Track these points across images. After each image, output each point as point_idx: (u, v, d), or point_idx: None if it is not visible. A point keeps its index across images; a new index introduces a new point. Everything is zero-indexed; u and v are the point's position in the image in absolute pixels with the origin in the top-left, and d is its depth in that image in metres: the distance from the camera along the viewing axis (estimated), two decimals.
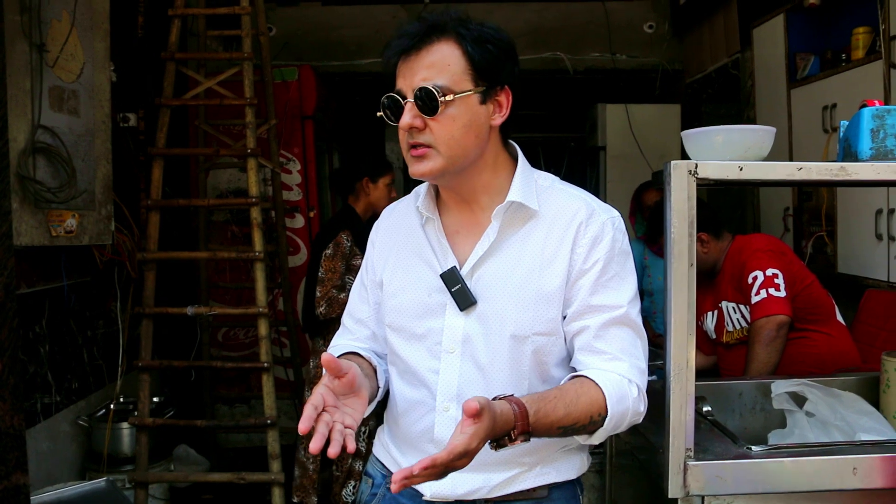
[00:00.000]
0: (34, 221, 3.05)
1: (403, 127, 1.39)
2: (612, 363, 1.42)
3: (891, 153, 1.73)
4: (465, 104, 1.39)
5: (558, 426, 1.33)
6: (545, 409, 1.30)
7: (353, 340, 1.63)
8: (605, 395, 1.36)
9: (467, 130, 1.41)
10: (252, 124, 3.67)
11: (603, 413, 1.37)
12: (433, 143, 1.39)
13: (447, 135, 1.39)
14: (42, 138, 3.06)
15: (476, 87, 1.40)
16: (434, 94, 1.36)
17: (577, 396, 1.35)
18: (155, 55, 3.89)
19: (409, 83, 1.39)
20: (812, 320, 2.93)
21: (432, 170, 1.41)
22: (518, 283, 1.44)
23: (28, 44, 2.99)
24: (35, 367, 3.34)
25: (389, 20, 5.68)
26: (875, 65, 3.36)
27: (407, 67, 1.40)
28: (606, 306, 1.43)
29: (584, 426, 1.37)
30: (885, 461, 1.70)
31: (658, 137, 5.31)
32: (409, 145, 1.42)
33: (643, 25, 5.84)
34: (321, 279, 3.55)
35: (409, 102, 1.38)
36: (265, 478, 3.45)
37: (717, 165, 1.66)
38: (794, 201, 4.20)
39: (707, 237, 3.02)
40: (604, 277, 1.44)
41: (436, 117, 1.38)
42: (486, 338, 1.45)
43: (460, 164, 1.43)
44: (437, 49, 1.39)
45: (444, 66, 1.38)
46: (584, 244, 1.44)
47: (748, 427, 2.27)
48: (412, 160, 1.42)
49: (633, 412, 1.41)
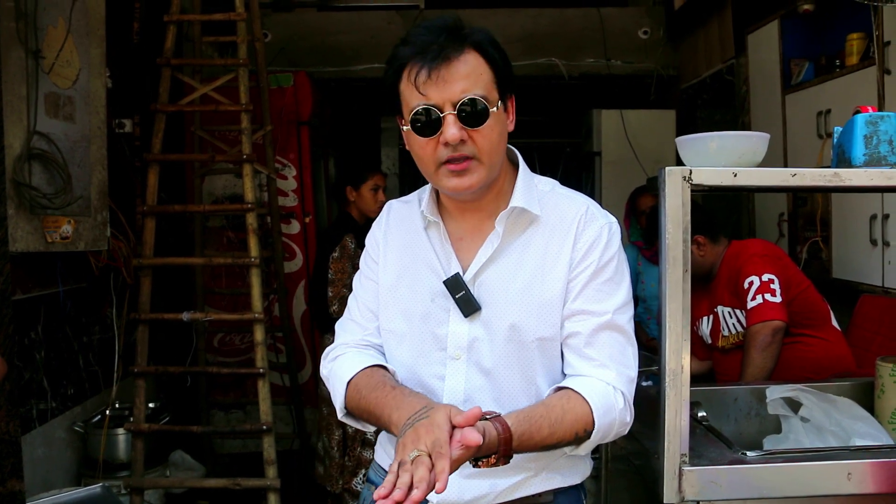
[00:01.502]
0: (30, 227, 3.05)
1: (452, 140, 1.35)
2: (600, 370, 1.42)
3: (884, 159, 1.74)
4: (498, 114, 1.39)
5: (541, 445, 1.33)
6: (529, 431, 1.30)
7: (365, 335, 1.58)
8: (592, 409, 1.36)
9: (501, 139, 1.42)
10: (248, 130, 3.67)
11: (589, 428, 1.37)
12: (476, 155, 1.38)
13: (489, 145, 1.38)
14: (38, 144, 3.06)
15: (501, 96, 1.40)
16: (485, 104, 1.35)
17: (564, 413, 1.35)
18: (150, 61, 3.88)
19: (446, 95, 1.35)
20: (807, 325, 2.94)
21: (478, 181, 1.40)
22: (521, 287, 1.44)
23: (24, 50, 3.00)
24: (31, 373, 3.33)
25: (385, 26, 5.69)
26: (869, 71, 3.37)
27: (438, 78, 1.35)
28: (598, 311, 1.43)
29: (568, 442, 1.37)
30: (880, 466, 1.70)
31: (653, 143, 5.32)
32: (443, 160, 1.38)
33: (638, 31, 5.86)
34: (332, 280, 3.68)
35: (450, 115, 1.35)
36: (261, 483, 3.44)
37: (712, 171, 1.67)
38: (789, 207, 4.22)
39: (703, 240, 3.03)
40: (597, 281, 1.44)
41: (480, 128, 1.36)
42: (491, 343, 1.45)
43: (495, 174, 1.44)
44: (466, 59, 1.36)
45: (478, 77, 1.37)
46: (581, 247, 1.44)
47: (743, 432, 2.27)
48: (450, 175, 1.39)
49: (619, 423, 1.41)
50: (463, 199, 1.47)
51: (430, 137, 1.37)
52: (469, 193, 1.43)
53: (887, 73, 3.25)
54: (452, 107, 1.35)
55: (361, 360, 1.52)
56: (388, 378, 1.45)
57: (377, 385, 1.43)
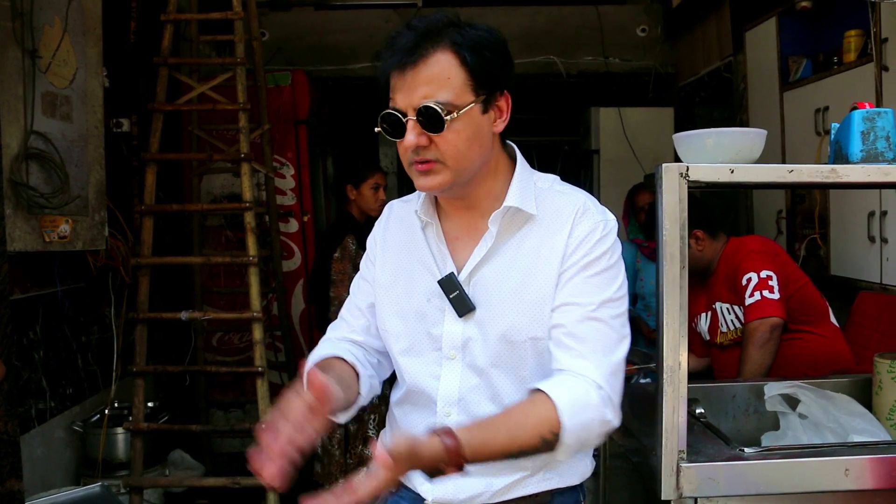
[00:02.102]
0: (27, 227, 3.05)
1: (409, 147, 1.35)
2: (578, 360, 1.37)
3: (881, 155, 1.74)
4: (468, 117, 1.36)
5: (502, 453, 1.29)
6: (482, 438, 1.26)
7: (349, 333, 1.60)
8: (558, 409, 1.30)
9: (472, 142, 1.38)
10: (245, 129, 3.67)
11: (555, 430, 1.30)
12: (440, 158, 1.37)
13: (453, 149, 1.36)
14: (35, 144, 3.06)
15: (477, 98, 1.37)
16: (439, 112, 1.32)
17: (525, 418, 1.31)
18: (147, 60, 3.88)
19: (409, 100, 1.34)
20: (805, 321, 2.94)
21: (441, 183, 1.39)
22: (514, 286, 1.43)
23: (20, 50, 2.99)
24: (29, 373, 3.33)
25: (382, 25, 5.70)
26: (867, 67, 3.37)
27: (404, 83, 1.34)
28: (583, 303, 1.40)
29: (534, 448, 1.31)
30: (877, 462, 1.70)
31: (651, 140, 5.32)
32: (412, 161, 1.39)
33: (636, 29, 5.86)
34: (334, 281, 3.67)
35: (410, 120, 1.34)
36: (260, 482, 3.44)
37: (709, 168, 1.67)
38: (787, 204, 4.22)
39: (702, 234, 3.02)
40: (585, 274, 1.41)
41: (441, 134, 1.34)
42: (486, 343, 1.44)
43: (467, 176, 1.41)
44: (434, 61, 1.34)
45: (443, 81, 1.34)
46: (573, 241, 1.42)
47: (741, 429, 2.27)
48: (418, 175, 1.39)
49: (599, 421, 1.35)
50: (444, 197, 1.48)
51: (399, 140, 1.38)
52: (437, 192, 1.44)
53: (885, 69, 3.25)
54: (414, 112, 1.34)
55: (325, 350, 1.53)
56: (331, 367, 1.46)
57: None
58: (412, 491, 1.52)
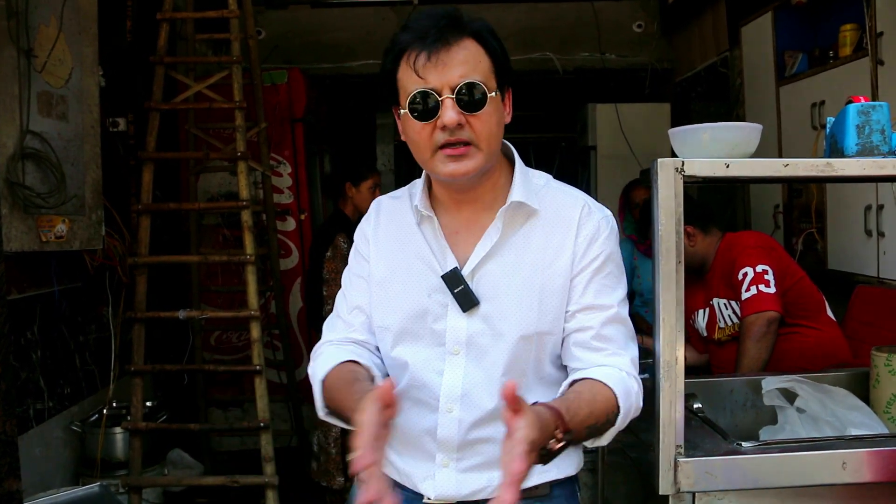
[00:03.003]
0: (24, 227, 3.04)
1: (450, 124, 1.34)
2: (613, 358, 1.43)
3: (877, 149, 1.74)
4: (496, 101, 1.39)
5: (586, 426, 1.32)
6: (573, 409, 1.28)
7: (349, 333, 1.58)
8: (615, 393, 1.37)
9: (499, 127, 1.41)
10: (242, 127, 3.67)
11: (616, 411, 1.37)
12: (474, 140, 1.37)
13: (487, 131, 1.37)
14: (31, 144, 3.06)
15: (498, 85, 1.40)
16: (483, 88, 1.35)
17: (594, 395, 1.35)
18: (144, 59, 3.88)
19: (446, 79, 1.34)
20: (802, 316, 2.94)
21: (474, 167, 1.38)
22: (521, 282, 1.44)
23: (16, 49, 2.98)
24: (27, 373, 3.33)
25: (379, 23, 5.69)
26: (862, 62, 3.37)
27: (438, 62, 1.34)
28: (605, 305, 1.44)
29: (603, 425, 1.36)
30: (875, 455, 1.71)
31: (648, 136, 5.32)
32: (441, 144, 1.37)
33: (632, 25, 5.85)
34: (326, 280, 3.70)
35: (448, 99, 1.34)
36: (259, 481, 3.45)
37: (704, 163, 1.67)
38: (783, 198, 4.22)
39: (693, 230, 3.02)
40: (600, 275, 1.45)
41: (478, 114, 1.36)
42: (491, 338, 1.44)
43: (492, 162, 1.43)
44: (465, 45, 1.36)
45: (476, 63, 1.37)
46: (582, 242, 1.44)
47: (739, 423, 2.28)
48: (447, 160, 1.38)
49: (635, 408, 1.42)
50: (458, 187, 1.46)
51: (428, 122, 1.36)
52: (465, 180, 1.41)
53: (880, 63, 3.26)
54: (451, 91, 1.35)
55: (335, 356, 1.50)
56: (354, 373, 1.44)
57: (343, 383, 1.41)
58: (412, 490, 1.52)
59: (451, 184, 1.45)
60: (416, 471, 1.50)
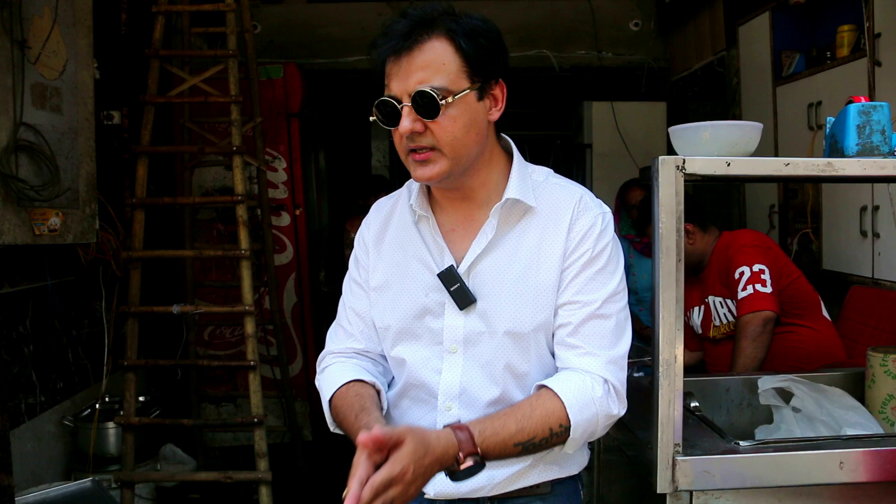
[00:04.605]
0: (17, 220, 3.02)
1: (403, 132, 1.35)
2: (584, 358, 1.40)
3: (877, 149, 1.74)
4: (464, 103, 1.36)
5: (514, 443, 1.31)
6: (493, 427, 1.29)
7: (350, 342, 1.57)
8: (565, 404, 1.34)
9: (468, 129, 1.38)
10: (237, 122, 3.64)
11: (564, 423, 1.34)
12: (436, 146, 1.36)
13: (450, 136, 1.36)
14: (25, 136, 3.04)
15: (472, 84, 1.37)
16: (434, 97, 1.32)
17: (532, 410, 1.34)
18: (139, 52, 3.85)
19: (404, 86, 1.34)
20: (798, 315, 2.95)
21: (439, 173, 1.38)
22: (515, 278, 1.43)
23: (9, 40, 2.96)
24: (19, 368, 3.31)
25: (374, 18, 5.67)
26: (860, 62, 3.38)
27: (399, 69, 1.34)
28: (586, 301, 1.42)
29: (545, 439, 1.34)
30: (871, 455, 1.71)
31: (644, 135, 5.33)
32: (408, 149, 1.38)
33: (629, 23, 5.85)
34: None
35: (406, 107, 1.34)
36: (252, 476, 3.43)
37: (705, 161, 1.66)
38: (779, 198, 4.23)
39: (692, 228, 3.03)
40: (589, 271, 1.43)
41: (436, 120, 1.34)
42: (488, 336, 1.44)
43: (464, 164, 1.41)
44: (429, 47, 1.34)
45: (439, 66, 1.34)
46: (575, 237, 1.43)
47: (735, 422, 2.28)
48: (414, 165, 1.39)
49: (603, 415, 1.38)
50: (440, 188, 1.47)
51: (394, 128, 1.37)
52: (434, 183, 1.42)
53: (878, 64, 3.26)
54: (409, 98, 1.34)
55: (341, 375, 1.50)
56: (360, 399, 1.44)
57: (348, 410, 1.42)
58: None
59: (441, 185, 1.45)
60: None
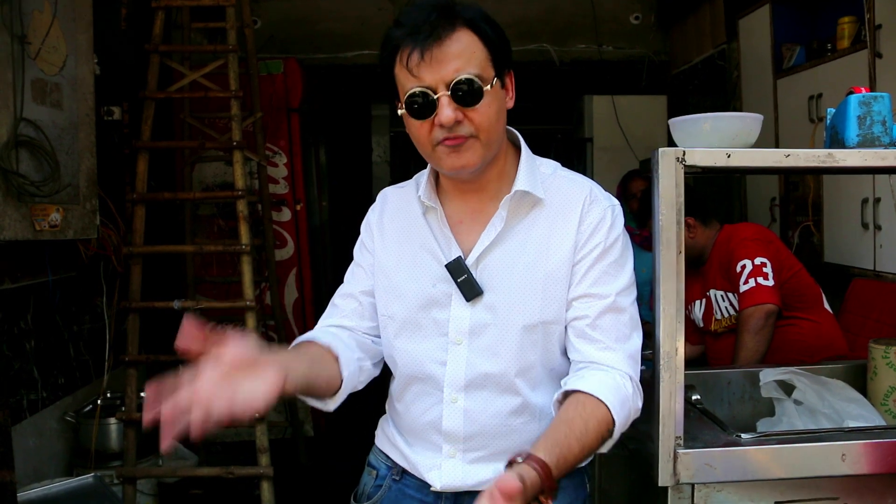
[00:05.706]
0: (18, 215, 3.02)
1: (447, 122, 1.33)
2: (605, 353, 1.40)
3: (878, 140, 1.73)
4: (495, 91, 1.37)
5: (577, 462, 1.30)
6: (564, 455, 1.26)
7: (338, 319, 1.58)
8: (610, 409, 1.34)
9: (499, 115, 1.40)
10: (237, 117, 3.64)
11: (611, 427, 1.34)
12: (474, 133, 1.36)
13: (487, 123, 1.36)
14: (25, 131, 3.03)
15: (497, 73, 1.38)
16: (478, 84, 1.33)
17: (586, 424, 1.31)
18: (139, 48, 3.85)
19: (440, 76, 1.32)
20: (799, 307, 2.94)
21: (477, 159, 1.38)
22: (523, 271, 1.43)
23: (9, 35, 2.95)
24: (20, 363, 3.31)
25: (375, 13, 5.65)
26: (860, 54, 3.37)
27: (431, 59, 1.32)
28: (602, 294, 1.42)
29: (598, 447, 1.35)
30: (873, 447, 1.70)
31: (644, 128, 5.32)
32: (439, 140, 1.36)
33: (629, 17, 5.84)
34: None
35: (444, 96, 1.33)
36: (254, 472, 3.44)
37: (705, 152, 1.65)
38: (780, 191, 4.22)
39: (693, 222, 3.02)
40: (602, 264, 1.43)
41: (475, 107, 1.34)
42: (494, 328, 1.43)
43: (494, 151, 1.42)
44: (458, 37, 1.34)
45: (471, 55, 1.34)
46: (585, 229, 1.43)
47: (737, 415, 2.27)
48: (448, 153, 1.37)
49: (633, 410, 1.40)
50: (463, 178, 1.45)
51: (426, 120, 1.36)
52: (468, 172, 1.41)
53: (878, 56, 3.25)
54: (446, 87, 1.33)
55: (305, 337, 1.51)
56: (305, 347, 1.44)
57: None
58: (418, 479, 1.52)
59: (470, 176, 1.44)
60: (422, 461, 1.50)
